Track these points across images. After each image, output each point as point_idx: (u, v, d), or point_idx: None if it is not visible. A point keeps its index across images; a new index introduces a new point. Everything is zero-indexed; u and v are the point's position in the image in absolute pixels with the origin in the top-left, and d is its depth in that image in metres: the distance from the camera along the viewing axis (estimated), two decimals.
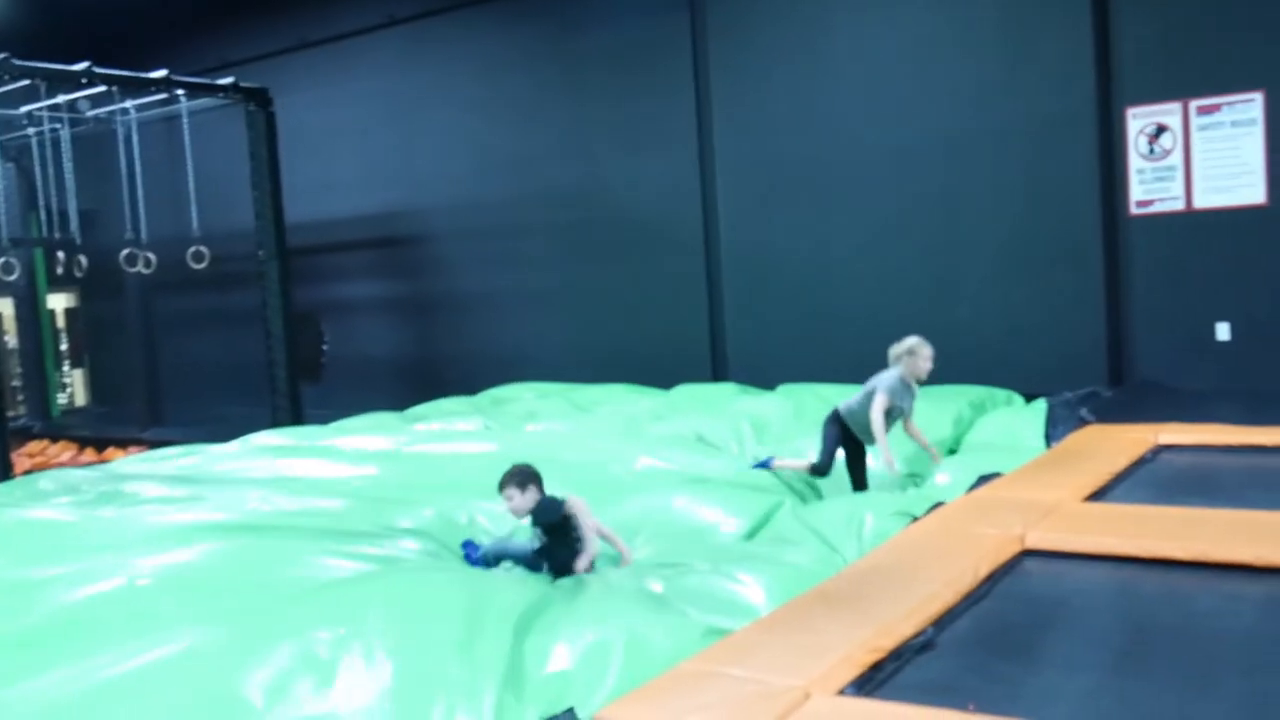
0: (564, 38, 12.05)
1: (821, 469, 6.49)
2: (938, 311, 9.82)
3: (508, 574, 4.96)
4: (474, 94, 12.77)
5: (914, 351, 6.47)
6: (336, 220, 13.98)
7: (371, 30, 13.52)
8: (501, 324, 12.79)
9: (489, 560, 5.18)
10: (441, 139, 13.09)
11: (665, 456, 7.13)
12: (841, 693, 3.19)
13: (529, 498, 4.92)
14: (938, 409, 8.31)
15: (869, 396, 6.41)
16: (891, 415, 6.37)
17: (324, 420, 10.18)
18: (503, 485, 4.94)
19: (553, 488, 6.35)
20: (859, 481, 6.54)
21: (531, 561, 5.02)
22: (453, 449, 7.82)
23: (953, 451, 7.55)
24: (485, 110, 12.68)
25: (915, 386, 6.54)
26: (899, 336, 8.33)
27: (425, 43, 13.16)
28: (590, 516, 4.96)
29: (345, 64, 13.79)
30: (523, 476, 4.94)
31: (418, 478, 6.76)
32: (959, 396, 8.45)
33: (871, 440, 6.39)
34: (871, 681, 3.30)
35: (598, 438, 8.03)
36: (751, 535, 5.32)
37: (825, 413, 6.78)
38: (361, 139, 13.70)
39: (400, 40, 13.34)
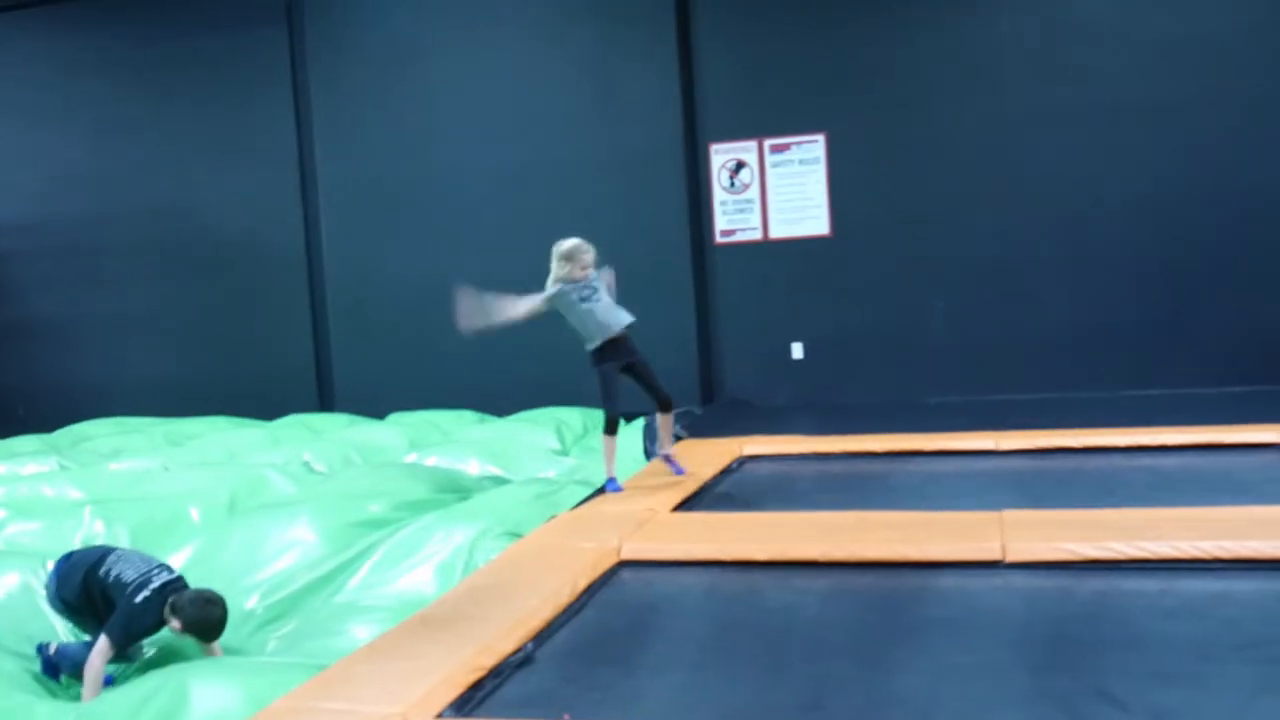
0: (149, 45, 11.31)
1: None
2: (542, 336, 10.05)
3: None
4: (46, 102, 11.70)
5: (573, 258, 6.18)
6: None
7: None
8: (81, 354, 11.72)
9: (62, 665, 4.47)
10: (7, 150, 11.83)
11: (271, 486, 6.83)
12: (441, 715, 3.16)
13: None
14: (543, 431, 8.54)
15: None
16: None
17: None
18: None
19: (142, 528, 5.88)
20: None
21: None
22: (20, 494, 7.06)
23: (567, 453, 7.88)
24: (59, 120, 11.64)
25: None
26: (507, 362, 8.43)
27: None
28: None
29: None
30: None
31: None
32: (561, 417, 8.72)
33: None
34: (471, 701, 3.30)
35: (192, 471, 7.52)
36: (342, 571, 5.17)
37: (437, 440, 6.68)
38: None
39: None
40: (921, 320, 9.49)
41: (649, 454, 7.70)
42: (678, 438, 7.97)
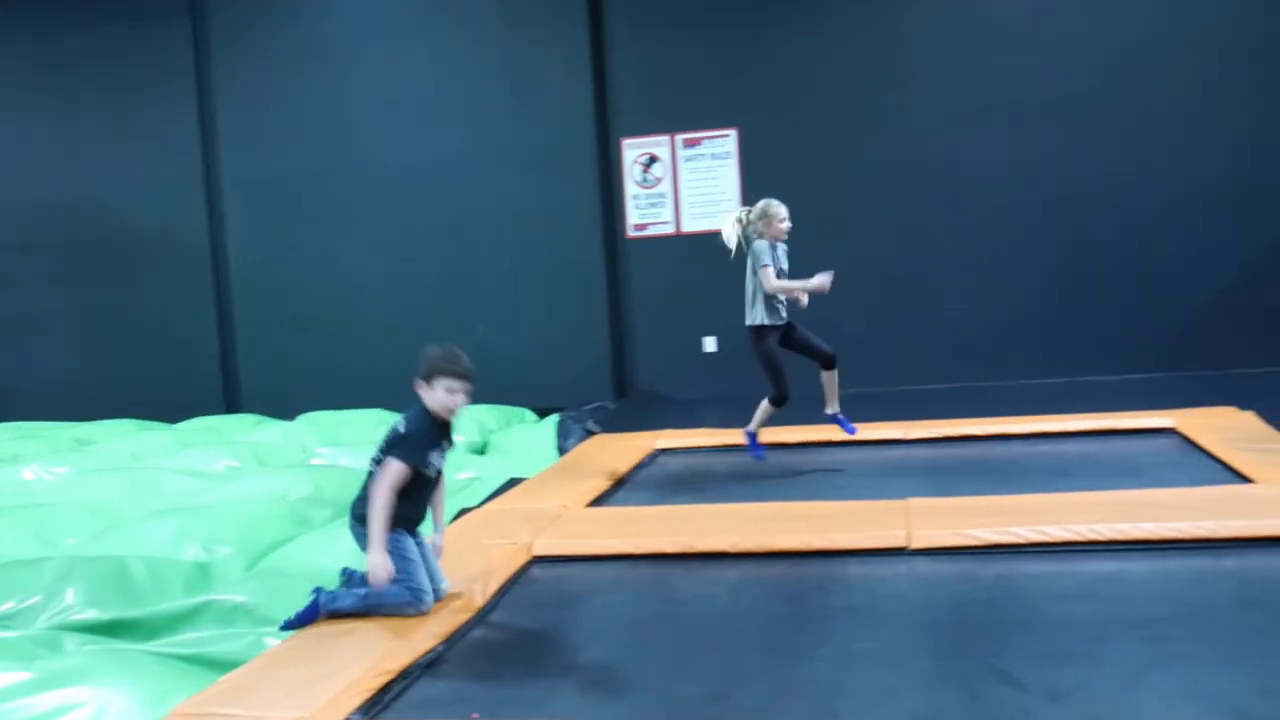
0: (46, 36, 10.96)
1: (780, 398, 6.37)
2: (456, 333, 9.96)
3: None
4: None
5: (767, 215, 6.24)
6: None
7: None
8: None
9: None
10: None
11: (175, 490, 6.68)
12: (349, 719, 3.13)
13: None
14: (464, 422, 8.47)
15: (755, 274, 6.25)
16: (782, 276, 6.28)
17: None
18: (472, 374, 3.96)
19: (57, 532, 5.63)
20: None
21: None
22: None
23: (482, 451, 8.04)
24: None
25: (781, 245, 6.36)
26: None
27: None
28: None
29: None
30: None
31: None
32: (476, 416, 8.67)
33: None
34: (379, 704, 3.27)
35: (96, 477, 7.31)
36: (251, 565, 5.10)
37: (350, 438, 6.59)
38: None
39: None
40: (833, 313, 9.58)
41: (561, 450, 7.70)
42: (590, 432, 7.98)
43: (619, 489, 6.19)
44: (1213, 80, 8.88)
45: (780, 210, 6.27)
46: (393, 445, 3.92)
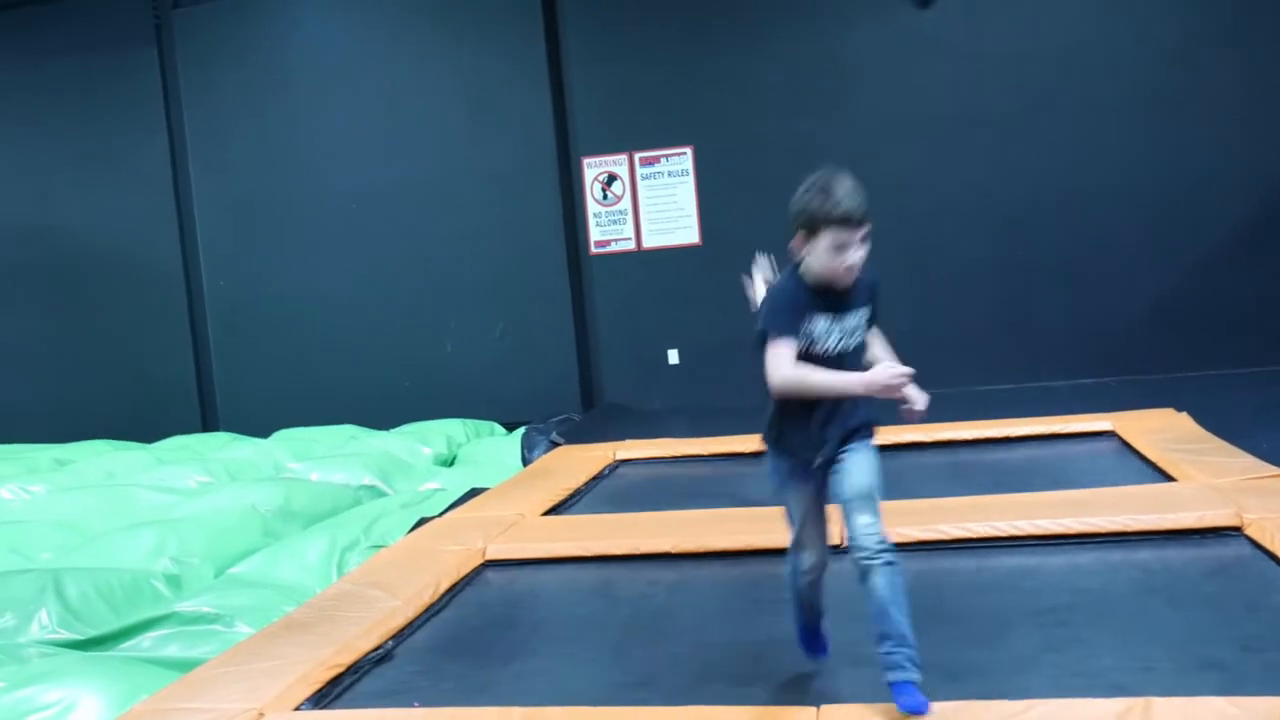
0: (16, 69, 11.17)
1: None
2: (426, 350, 10.25)
3: None
4: None
5: None
6: None
7: None
8: None
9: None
10: None
11: (148, 505, 6.89)
12: (298, 709, 3.36)
13: None
14: (426, 444, 8.72)
15: None
16: None
17: None
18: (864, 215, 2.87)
19: (33, 548, 5.85)
20: None
21: None
22: None
23: (450, 463, 8.35)
24: None
25: None
26: (390, 377, 8.46)
27: None
28: None
29: None
30: None
31: None
32: (444, 430, 8.91)
33: None
34: (328, 696, 3.50)
35: (71, 494, 7.50)
36: (219, 574, 5.33)
37: (322, 453, 6.74)
38: None
39: None
40: None
41: (525, 461, 7.94)
42: (554, 443, 8.21)
43: (577, 498, 6.41)
44: (1149, 94, 9.19)
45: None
46: (762, 321, 3.10)
